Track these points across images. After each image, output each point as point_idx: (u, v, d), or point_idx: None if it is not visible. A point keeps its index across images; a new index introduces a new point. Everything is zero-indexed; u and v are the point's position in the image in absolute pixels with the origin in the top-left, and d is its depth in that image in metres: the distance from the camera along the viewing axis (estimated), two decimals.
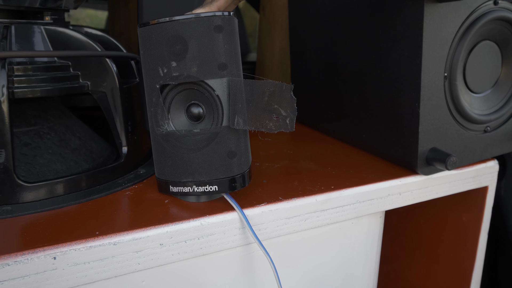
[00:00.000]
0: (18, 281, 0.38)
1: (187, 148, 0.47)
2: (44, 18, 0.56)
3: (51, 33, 0.54)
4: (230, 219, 0.47)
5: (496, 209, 0.80)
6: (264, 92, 0.45)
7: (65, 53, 0.51)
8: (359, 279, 0.61)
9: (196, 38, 0.45)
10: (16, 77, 0.49)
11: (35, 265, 0.38)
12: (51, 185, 0.48)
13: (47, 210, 0.46)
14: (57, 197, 0.48)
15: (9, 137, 0.45)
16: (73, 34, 0.54)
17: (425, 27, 0.54)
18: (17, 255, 0.38)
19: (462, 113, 0.60)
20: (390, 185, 0.58)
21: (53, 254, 0.39)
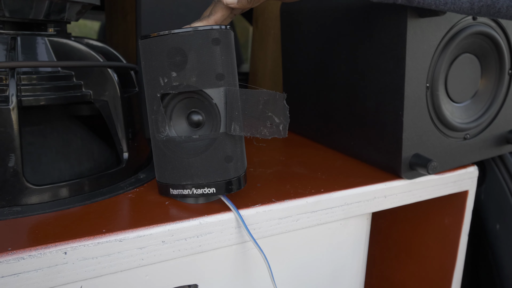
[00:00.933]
0: (32, 274, 0.42)
1: (187, 153, 0.52)
2: (47, 29, 0.61)
3: (55, 44, 0.58)
4: (227, 219, 0.51)
5: (476, 213, 0.85)
6: (259, 100, 0.50)
7: (69, 63, 0.55)
8: (347, 277, 0.66)
9: (195, 50, 0.50)
10: (22, 86, 0.53)
11: (48, 259, 0.42)
12: (57, 188, 0.52)
13: (54, 211, 0.50)
14: (64, 199, 0.52)
15: (18, 142, 0.49)
16: (76, 45, 0.59)
17: (408, 41, 0.59)
18: (31, 250, 0.42)
19: (443, 121, 0.66)
20: (376, 189, 0.63)
21: (64, 249, 0.43)
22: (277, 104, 0.50)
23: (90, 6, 0.62)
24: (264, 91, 0.50)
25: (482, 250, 0.87)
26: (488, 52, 0.69)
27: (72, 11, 0.60)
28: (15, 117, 0.49)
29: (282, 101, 0.50)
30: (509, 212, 0.80)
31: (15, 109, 0.49)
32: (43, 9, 0.57)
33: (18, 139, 0.49)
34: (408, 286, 0.85)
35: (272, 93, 0.50)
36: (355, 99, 0.70)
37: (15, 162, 0.49)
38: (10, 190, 0.49)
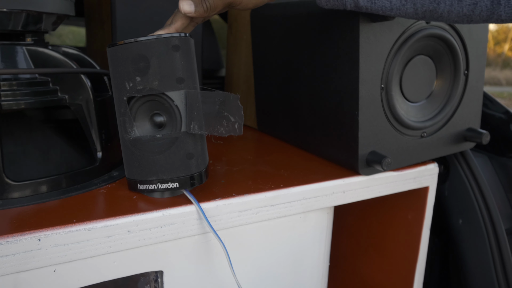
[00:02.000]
0: (10, 258, 0.49)
1: (151, 151, 0.60)
2: (25, 39, 0.69)
3: (32, 52, 0.66)
4: (189, 211, 0.59)
5: (441, 208, 0.93)
6: (215, 101, 0.58)
7: (44, 70, 0.63)
8: (308, 268, 0.73)
9: (156, 56, 0.57)
10: (2, 91, 0.61)
11: (23, 245, 0.50)
12: (36, 184, 0.60)
13: (32, 204, 0.57)
14: (41, 194, 0.60)
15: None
16: (51, 53, 0.67)
17: (361, 44, 0.67)
18: (8, 236, 0.49)
19: (399, 120, 0.74)
20: (334, 184, 0.70)
21: (38, 236, 0.51)
22: (232, 105, 0.58)
23: (66, 16, 0.70)
24: (220, 93, 0.58)
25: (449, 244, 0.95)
26: (443, 54, 0.76)
27: (48, 21, 0.68)
28: None
29: (237, 101, 0.57)
30: (470, 208, 0.87)
31: None
32: (20, 21, 0.64)
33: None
34: (376, 279, 0.93)
35: (228, 94, 0.58)
36: (316, 100, 0.78)
37: None
38: None
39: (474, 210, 0.86)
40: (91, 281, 0.56)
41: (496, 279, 0.84)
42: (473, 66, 0.79)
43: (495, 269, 0.84)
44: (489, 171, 0.98)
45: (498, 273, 0.84)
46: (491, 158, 0.99)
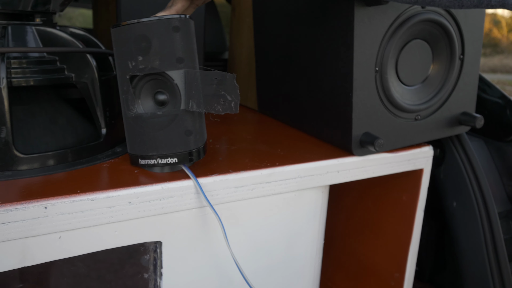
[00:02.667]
0: (18, 224, 0.54)
1: (152, 127, 0.63)
2: (35, 19, 0.72)
3: (41, 32, 0.70)
4: (187, 185, 0.63)
5: (436, 191, 0.96)
6: (213, 80, 0.61)
7: (52, 49, 0.67)
8: (302, 245, 0.77)
9: (157, 37, 0.61)
10: (13, 69, 0.65)
11: (31, 212, 0.54)
12: (43, 157, 0.64)
13: (39, 176, 0.62)
14: (48, 167, 0.64)
15: (9, 116, 0.61)
16: (59, 33, 0.70)
17: (356, 28, 0.70)
18: (17, 204, 0.54)
19: (393, 102, 0.77)
20: (328, 164, 0.74)
21: (45, 204, 0.55)
22: (229, 84, 0.61)
23: None
24: (217, 72, 0.61)
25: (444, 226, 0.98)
26: (439, 39, 0.79)
27: (56, 2, 0.72)
28: (5, 95, 0.61)
29: (233, 80, 0.61)
30: (464, 191, 0.90)
31: (5, 89, 0.61)
32: (30, 1, 0.68)
33: (8, 114, 0.61)
34: (370, 258, 0.96)
35: (224, 73, 0.61)
36: (313, 82, 0.81)
37: (6, 133, 0.61)
38: (2, 157, 0.61)
39: (468, 193, 0.89)
40: (94, 248, 0.60)
41: (487, 260, 0.87)
42: (469, 50, 0.81)
43: (486, 250, 0.88)
44: (485, 155, 1.00)
45: (489, 255, 0.87)
46: (487, 142, 1.02)
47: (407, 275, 0.90)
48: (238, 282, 0.72)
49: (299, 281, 0.79)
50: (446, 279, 1.05)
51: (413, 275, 0.90)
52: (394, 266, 0.91)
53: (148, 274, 0.67)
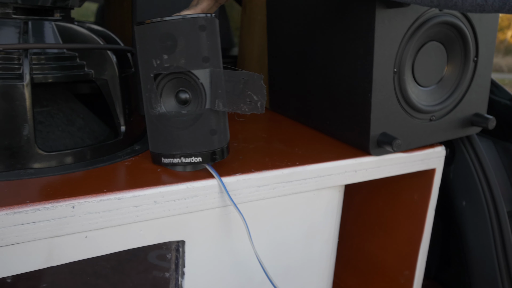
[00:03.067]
0: (46, 223, 0.53)
1: (176, 126, 0.63)
2: (54, 15, 0.71)
3: (61, 28, 0.69)
4: (211, 184, 0.63)
5: (446, 191, 0.97)
6: (240, 81, 0.61)
7: (74, 46, 0.66)
8: (319, 243, 0.77)
9: (184, 35, 0.60)
10: (33, 65, 0.64)
11: (58, 211, 0.53)
12: (64, 155, 0.63)
13: (62, 174, 0.61)
14: (69, 165, 0.63)
15: (31, 114, 0.60)
16: (79, 29, 0.69)
17: (377, 29, 0.70)
18: (45, 203, 0.53)
19: (410, 103, 0.77)
20: (346, 163, 0.74)
21: (72, 203, 0.54)
22: (256, 84, 0.61)
23: None
24: (244, 73, 0.61)
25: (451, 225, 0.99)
26: (454, 41, 0.80)
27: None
28: (29, 92, 0.60)
29: (260, 81, 0.61)
30: (474, 190, 0.91)
31: (28, 86, 0.60)
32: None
33: (31, 111, 0.60)
34: (380, 256, 0.97)
35: (251, 74, 0.61)
36: (330, 82, 0.81)
37: (29, 131, 0.60)
38: (24, 155, 0.60)
39: (478, 193, 0.90)
40: (118, 248, 0.59)
41: (496, 259, 0.89)
42: (483, 53, 0.82)
43: (495, 249, 0.89)
44: (493, 155, 1.02)
45: (498, 254, 0.89)
46: (495, 142, 1.03)
47: (417, 272, 0.91)
48: (259, 281, 0.72)
49: (315, 280, 0.79)
50: (451, 276, 1.06)
51: (423, 272, 0.91)
52: (404, 264, 0.92)
53: (169, 273, 0.66)
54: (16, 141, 0.60)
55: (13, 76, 0.61)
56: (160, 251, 0.65)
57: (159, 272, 0.66)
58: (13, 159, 0.60)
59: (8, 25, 0.65)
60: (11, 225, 0.51)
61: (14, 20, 0.66)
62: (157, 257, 0.66)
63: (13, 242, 0.52)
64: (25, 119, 0.60)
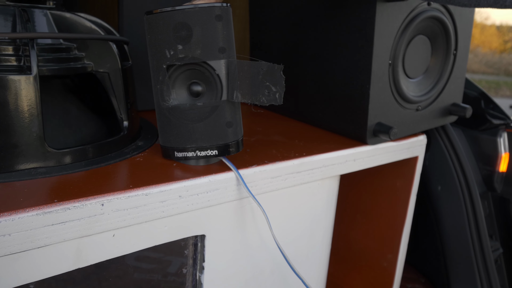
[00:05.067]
0: (76, 222, 0.50)
1: (190, 119, 0.61)
2: (46, 2, 0.66)
3: (56, 17, 0.65)
4: (231, 177, 0.62)
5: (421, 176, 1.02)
6: (259, 71, 0.61)
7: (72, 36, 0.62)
8: (321, 231, 0.79)
9: (200, 25, 0.59)
10: (25, 56, 0.59)
11: (88, 209, 0.50)
12: (73, 152, 0.59)
13: (77, 172, 0.57)
14: (79, 162, 0.60)
15: (40, 108, 0.56)
16: (77, 18, 0.65)
17: (377, 22, 0.72)
18: (75, 201, 0.50)
19: (401, 94, 0.80)
20: (347, 153, 0.76)
21: (101, 201, 0.51)
22: (275, 74, 0.61)
23: None
24: (263, 63, 0.60)
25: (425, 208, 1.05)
26: (438, 35, 0.84)
27: None
28: (37, 85, 0.56)
29: (280, 71, 0.60)
30: (449, 175, 0.97)
31: (37, 78, 0.56)
32: None
33: (40, 106, 0.56)
34: (362, 243, 1.00)
35: (270, 64, 0.60)
36: (325, 74, 0.82)
37: (38, 127, 0.56)
38: (34, 153, 0.56)
39: (452, 177, 0.96)
40: (145, 245, 0.57)
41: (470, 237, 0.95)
42: (461, 46, 0.87)
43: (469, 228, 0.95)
44: (463, 142, 1.08)
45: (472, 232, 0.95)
46: (464, 131, 1.10)
47: (400, 255, 0.95)
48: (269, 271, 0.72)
49: (316, 267, 0.81)
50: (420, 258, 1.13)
51: (405, 255, 0.95)
52: (387, 248, 0.96)
53: (187, 269, 0.65)
54: (24, 139, 0.56)
55: (13, 68, 0.57)
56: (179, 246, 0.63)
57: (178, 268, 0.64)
58: (21, 158, 0.56)
59: (2, 13, 0.60)
60: (41, 226, 0.48)
61: (8, 7, 0.61)
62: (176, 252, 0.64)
63: (42, 245, 0.48)
64: (34, 114, 0.56)
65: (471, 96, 1.11)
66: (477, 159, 1.08)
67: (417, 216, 1.09)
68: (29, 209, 0.47)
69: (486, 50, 14.45)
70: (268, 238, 0.70)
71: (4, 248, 0.46)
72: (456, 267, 0.99)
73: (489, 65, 13.55)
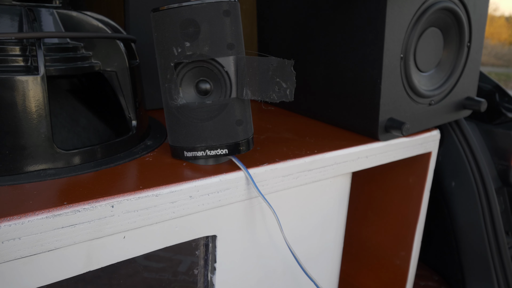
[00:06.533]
0: (86, 225, 0.49)
1: (200, 117, 0.61)
2: (53, 1, 0.66)
3: (63, 16, 0.64)
4: (241, 176, 0.61)
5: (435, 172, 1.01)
6: (269, 67, 0.60)
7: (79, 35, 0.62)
8: (333, 229, 0.78)
9: (207, 21, 0.58)
10: (32, 56, 0.58)
11: (98, 211, 0.50)
12: (82, 152, 0.59)
13: (85, 173, 0.57)
14: (89, 163, 0.59)
15: (48, 109, 0.56)
16: (83, 17, 0.65)
17: (388, 15, 0.71)
18: (84, 203, 0.49)
19: (413, 88, 0.79)
20: (359, 150, 0.75)
21: (111, 203, 0.51)
22: (286, 70, 0.60)
23: None
24: (273, 59, 0.60)
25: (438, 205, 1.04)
26: (451, 27, 0.83)
27: None
28: (45, 85, 0.55)
29: (290, 67, 0.60)
30: (463, 171, 0.96)
31: (44, 78, 0.55)
32: None
33: (48, 106, 0.56)
34: (375, 240, 1.00)
35: (281, 60, 0.60)
36: (335, 70, 0.82)
37: (46, 128, 0.56)
38: (43, 155, 0.56)
39: (467, 173, 0.95)
40: (156, 246, 0.57)
41: (486, 237, 0.94)
42: (475, 38, 0.86)
43: (485, 225, 0.94)
44: (477, 137, 1.07)
45: (487, 229, 0.94)
46: (478, 125, 1.09)
47: (413, 253, 0.94)
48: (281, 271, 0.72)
49: (329, 267, 0.80)
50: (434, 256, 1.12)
51: (418, 252, 0.95)
52: (400, 245, 0.95)
53: (198, 269, 0.64)
54: (33, 140, 0.55)
55: (20, 68, 0.57)
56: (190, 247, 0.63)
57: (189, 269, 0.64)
58: (30, 159, 0.55)
59: (8, 12, 0.60)
60: (51, 229, 0.47)
61: (14, 6, 0.61)
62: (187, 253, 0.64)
63: (52, 248, 0.48)
64: (42, 115, 0.56)
65: (485, 89, 1.10)
66: (491, 154, 1.07)
67: (430, 212, 1.08)
68: (39, 212, 0.47)
69: (495, 42, 14.36)
70: (279, 238, 0.70)
71: (14, 252, 0.46)
72: (472, 264, 0.98)
73: (498, 57, 13.44)
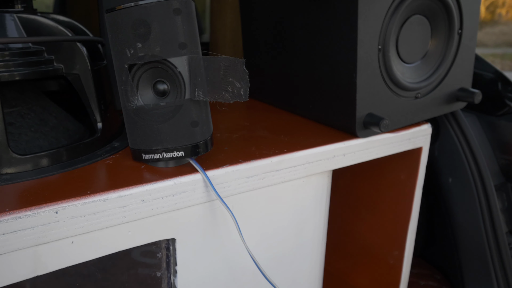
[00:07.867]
0: (29, 231, 0.52)
1: (155, 120, 0.62)
2: (14, 6, 0.69)
3: (24, 20, 0.66)
4: (199, 179, 0.62)
5: (431, 168, 0.99)
6: (220, 67, 0.60)
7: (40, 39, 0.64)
8: (310, 230, 0.78)
9: (157, 20, 0.58)
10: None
11: (41, 218, 0.52)
12: (40, 157, 0.61)
13: (40, 177, 0.59)
14: (47, 167, 0.62)
15: (2, 115, 0.58)
16: (44, 20, 0.67)
17: (360, 5, 0.70)
18: (26, 210, 0.51)
19: (395, 81, 0.78)
20: (335, 148, 0.75)
21: (55, 209, 0.53)
22: (237, 70, 0.60)
23: None
24: (225, 58, 0.60)
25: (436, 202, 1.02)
26: (438, 13, 0.80)
27: None
28: None
29: (242, 66, 0.60)
30: (460, 167, 0.93)
31: None
32: None
33: (1, 112, 0.58)
34: (368, 238, 0.99)
35: (232, 59, 0.60)
36: (311, 63, 0.81)
37: (0, 133, 0.58)
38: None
39: (464, 169, 0.92)
40: (107, 251, 0.58)
41: (485, 235, 0.91)
42: (467, 25, 0.83)
43: (483, 223, 0.91)
44: (477, 129, 1.04)
45: (486, 227, 0.91)
46: (479, 117, 1.06)
47: (407, 252, 0.93)
48: (252, 273, 0.73)
49: (307, 266, 0.80)
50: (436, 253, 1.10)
51: (412, 252, 0.93)
52: (393, 244, 0.94)
53: (161, 272, 0.66)
54: None
55: None
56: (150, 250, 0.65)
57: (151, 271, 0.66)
58: None
59: None
60: None
61: None
62: (145, 255, 0.65)
63: None
64: None
65: (487, 77, 1.06)
66: (494, 148, 1.03)
67: (432, 209, 1.06)
68: None
69: None
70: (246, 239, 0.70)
71: None
72: (471, 264, 0.95)
73: None
